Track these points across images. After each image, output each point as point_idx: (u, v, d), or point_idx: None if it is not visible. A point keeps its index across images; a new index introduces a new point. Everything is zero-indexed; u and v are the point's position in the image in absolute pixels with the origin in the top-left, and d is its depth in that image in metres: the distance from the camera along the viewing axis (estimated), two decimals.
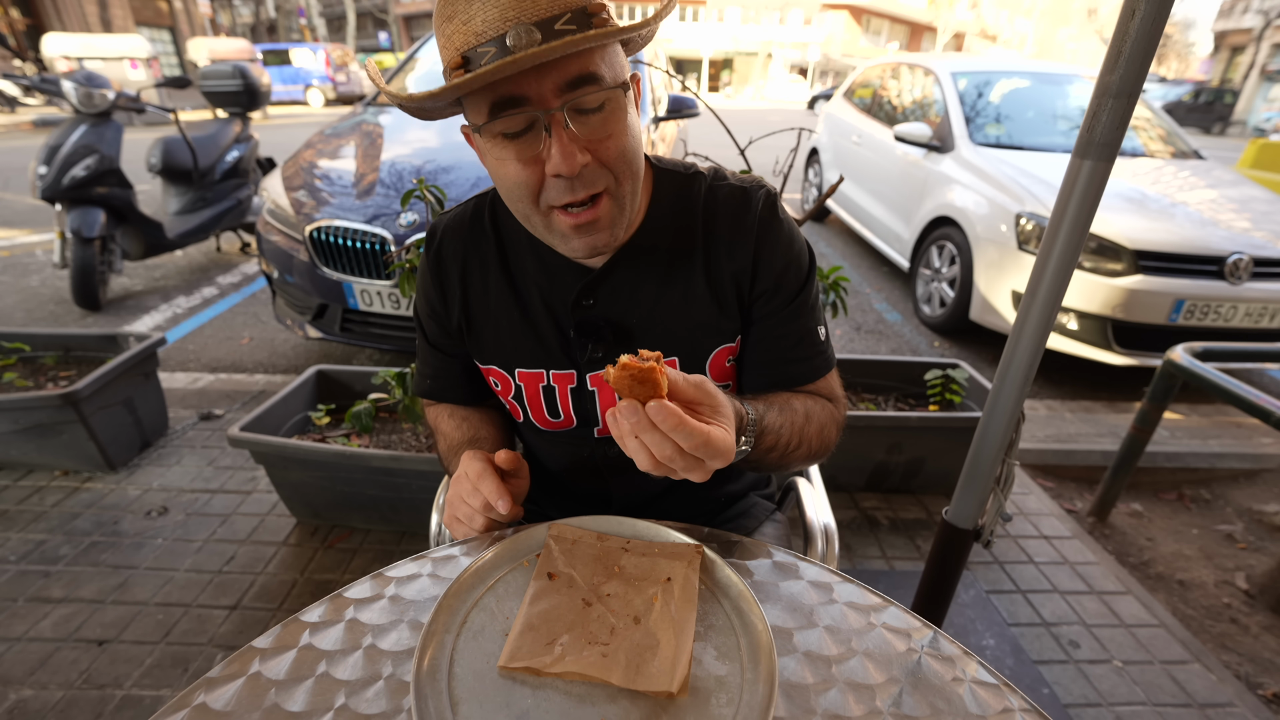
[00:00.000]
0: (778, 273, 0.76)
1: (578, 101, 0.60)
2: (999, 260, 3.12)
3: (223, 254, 4.66)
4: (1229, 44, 29.77)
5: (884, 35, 45.10)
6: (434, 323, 0.84)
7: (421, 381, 0.91)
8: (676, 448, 0.52)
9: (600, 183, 0.64)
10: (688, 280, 0.76)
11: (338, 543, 1.83)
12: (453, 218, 0.81)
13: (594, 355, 0.77)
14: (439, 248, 0.81)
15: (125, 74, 13.52)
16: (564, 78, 0.59)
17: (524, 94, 0.59)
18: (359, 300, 2.43)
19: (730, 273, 0.76)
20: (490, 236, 0.79)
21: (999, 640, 1.59)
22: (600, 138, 0.63)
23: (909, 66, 4.74)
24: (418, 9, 38.72)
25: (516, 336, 0.79)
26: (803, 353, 0.79)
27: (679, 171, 0.79)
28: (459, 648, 0.56)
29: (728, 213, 0.76)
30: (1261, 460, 2.43)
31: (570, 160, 0.60)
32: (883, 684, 0.55)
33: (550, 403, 0.80)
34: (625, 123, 0.64)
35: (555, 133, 0.60)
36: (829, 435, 0.78)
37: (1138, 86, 0.87)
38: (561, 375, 0.79)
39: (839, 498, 2.10)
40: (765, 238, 0.75)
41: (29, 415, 1.92)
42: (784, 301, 0.77)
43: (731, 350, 0.79)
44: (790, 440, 0.71)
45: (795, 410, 0.74)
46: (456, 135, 2.93)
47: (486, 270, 0.79)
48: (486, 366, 0.83)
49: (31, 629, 1.51)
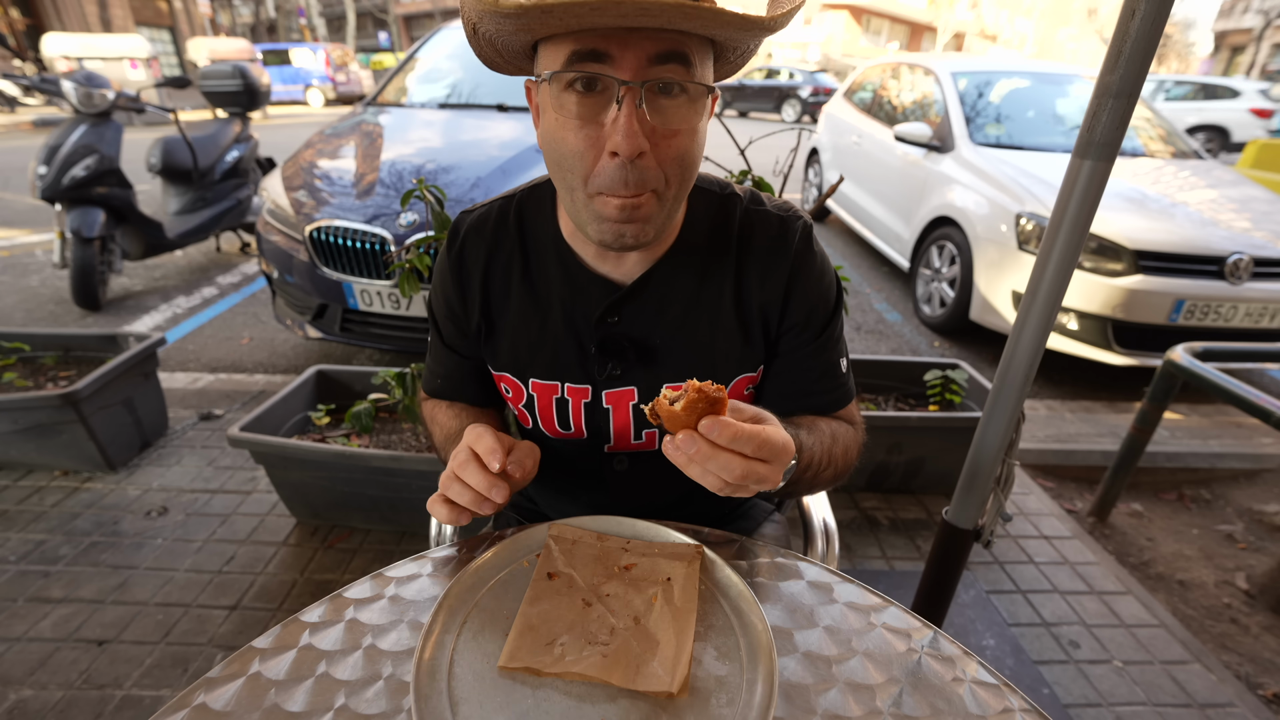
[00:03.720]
0: (809, 309, 0.75)
1: (659, 80, 0.57)
2: (999, 260, 3.12)
3: (223, 254, 4.66)
4: (1229, 44, 29.77)
5: (884, 35, 45.08)
6: (451, 324, 0.81)
7: (432, 380, 0.88)
8: (743, 460, 0.52)
9: (651, 182, 0.61)
10: (716, 305, 0.75)
11: (338, 543, 1.83)
12: (477, 218, 0.78)
13: (613, 373, 0.75)
14: (461, 248, 0.78)
15: (125, 74, 13.52)
16: (656, 49, 0.56)
17: (608, 51, 0.55)
18: (359, 300, 2.43)
19: (760, 303, 0.75)
20: (515, 242, 0.77)
21: (999, 640, 1.59)
22: (667, 132, 0.60)
23: (909, 66, 4.74)
24: (418, 9, 38.74)
25: (534, 346, 0.77)
26: (825, 385, 0.79)
27: (714, 190, 0.77)
28: (459, 648, 0.56)
29: (764, 241, 0.74)
30: (1262, 460, 2.43)
31: (632, 141, 0.57)
32: (883, 684, 0.55)
33: (562, 415, 0.79)
34: (695, 126, 0.61)
35: (626, 106, 0.56)
36: (851, 456, 0.78)
37: (1138, 86, 0.87)
38: (576, 389, 0.77)
39: (839, 498, 2.10)
40: (800, 272, 0.74)
41: (29, 415, 1.92)
42: (811, 337, 0.77)
43: (752, 379, 0.79)
44: (820, 460, 0.71)
45: (823, 431, 0.74)
46: (456, 135, 2.95)
47: (509, 276, 0.77)
48: (500, 373, 0.81)
49: (31, 629, 1.51)
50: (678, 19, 0.51)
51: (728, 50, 0.64)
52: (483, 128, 2.99)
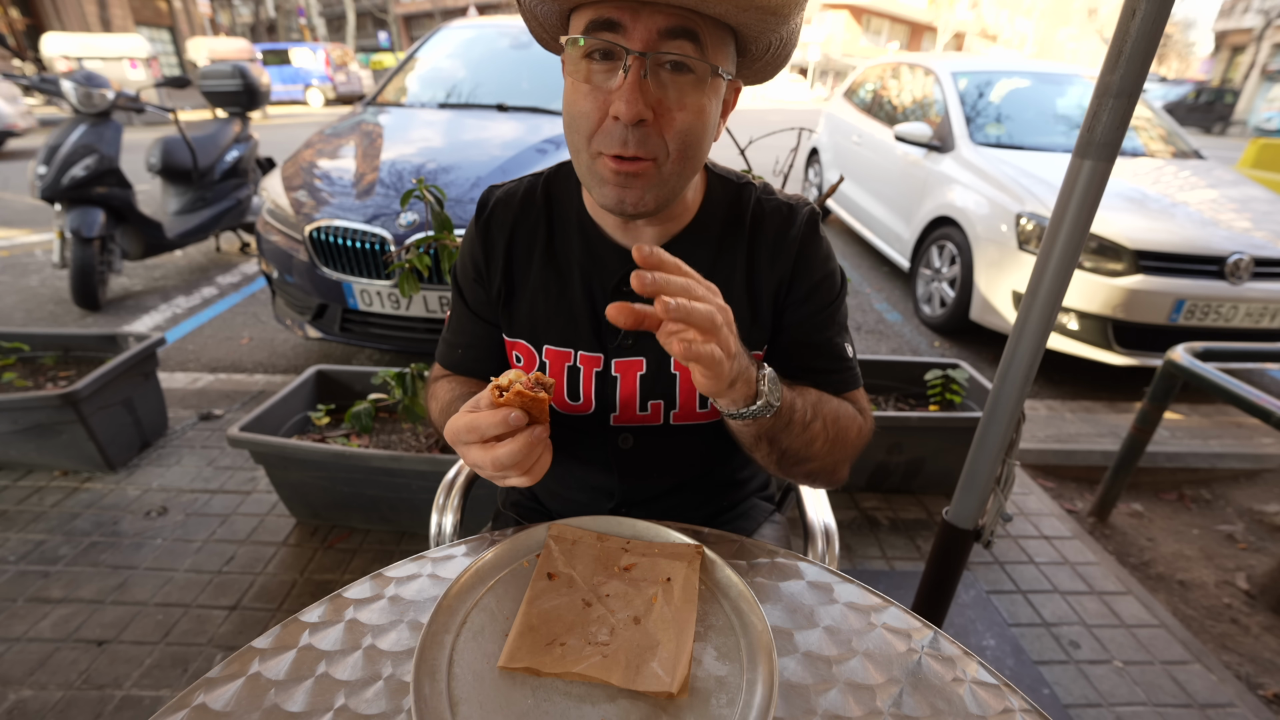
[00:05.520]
0: (812, 285, 0.78)
1: (666, 54, 0.60)
2: (999, 260, 3.12)
3: (222, 254, 4.66)
4: (1229, 44, 29.77)
5: (884, 35, 45.10)
6: (478, 288, 0.83)
7: (451, 352, 0.88)
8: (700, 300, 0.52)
9: (652, 149, 0.63)
10: (728, 282, 0.76)
11: (337, 543, 1.83)
12: (506, 191, 0.82)
13: (624, 342, 0.78)
14: (489, 216, 0.81)
15: (125, 74, 13.49)
16: (667, 23, 0.59)
17: (621, 21, 0.59)
18: (359, 300, 2.43)
19: (768, 283, 0.78)
20: (541, 213, 0.80)
21: (999, 640, 1.59)
22: (671, 105, 0.62)
23: (909, 66, 4.74)
24: (418, 9, 38.74)
25: (550, 313, 0.79)
26: (828, 364, 0.80)
27: (731, 179, 0.81)
28: (459, 648, 0.56)
29: (773, 225, 0.78)
30: (1262, 460, 2.43)
31: (632, 107, 0.59)
32: (883, 684, 0.55)
33: (573, 384, 0.80)
34: (702, 104, 0.63)
35: (632, 74, 0.59)
36: (847, 430, 0.75)
37: (1138, 86, 0.87)
38: (589, 357, 0.79)
39: (839, 498, 2.10)
40: (805, 251, 0.77)
41: (28, 415, 1.92)
42: (814, 311, 0.79)
43: (758, 357, 0.79)
44: (805, 413, 0.69)
45: (809, 391, 0.73)
46: (456, 135, 2.95)
47: (532, 244, 0.80)
48: (514, 340, 0.82)
49: (31, 629, 1.51)
50: None
51: (749, 42, 0.65)
52: (483, 127, 2.99)
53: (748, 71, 0.71)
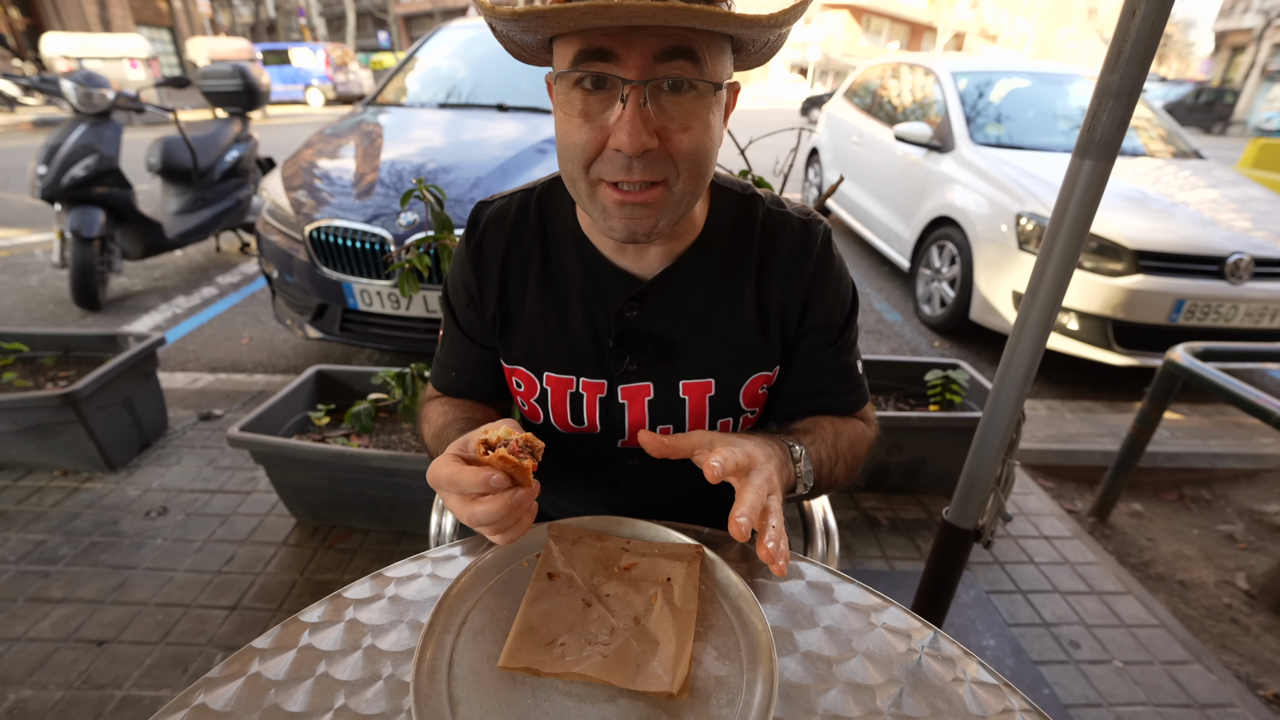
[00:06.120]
0: (827, 311, 0.76)
1: (665, 77, 0.56)
2: (999, 260, 3.12)
3: (222, 254, 4.66)
4: (1229, 44, 29.77)
5: (884, 35, 45.09)
6: (472, 312, 0.80)
7: (444, 376, 0.86)
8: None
9: (660, 172, 0.60)
10: (737, 303, 0.75)
11: (337, 543, 1.82)
12: (497, 209, 0.78)
13: (629, 368, 0.75)
14: (480, 238, 0.77)
15: (125, 74, 13.51)
16: (660, 46, 0.55)
17: (613, 50, 0.55)
18: (359, 300, 2.43)
19: (780, 304, 0.75)
20: (536, 234, 0.76)
21: (999, 640, 1.59)
22: (676, 127, 0.59)
23: (909, 66, 4.74)
24: (418, 9, 38.73)
25: (550, 340, 0.77)
26: (840, 388, 0.80)
27: (735, 190, 0.77)
28: (459, 648, 0.56)
29: (786, 243, 0.75)
30: (1262, 460, 2.43)
31: (635, 139, 0.56)
32: (883, 684, 0.55)
33: (576, 410, 0.79)
34: (707, 120, 0.60)
35: (631, 105, 0.56)
36: (860, 451, 0.79)
37: (1138, 86, 0.87)
38: (592, 384, 0.77)
39: (839, 498, 2.10)
40: (820, 276, 0.75)
41: (28, 415, 1.92)
42: (829, 340, 0.78)
43: (767, 379, 0.79)
44: (832, 462, 0.73)
45: (824, 429, 0.75)
46: (456, 135, 2.95)
47: (528, 268, 0.77)
48: (512, 367, 0.80)
49: (31, 629, 1.51)
50: (672, 18, 0.50)
51: (747, 43, 0.62)
52: (483, 127, 2.99)
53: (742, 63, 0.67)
